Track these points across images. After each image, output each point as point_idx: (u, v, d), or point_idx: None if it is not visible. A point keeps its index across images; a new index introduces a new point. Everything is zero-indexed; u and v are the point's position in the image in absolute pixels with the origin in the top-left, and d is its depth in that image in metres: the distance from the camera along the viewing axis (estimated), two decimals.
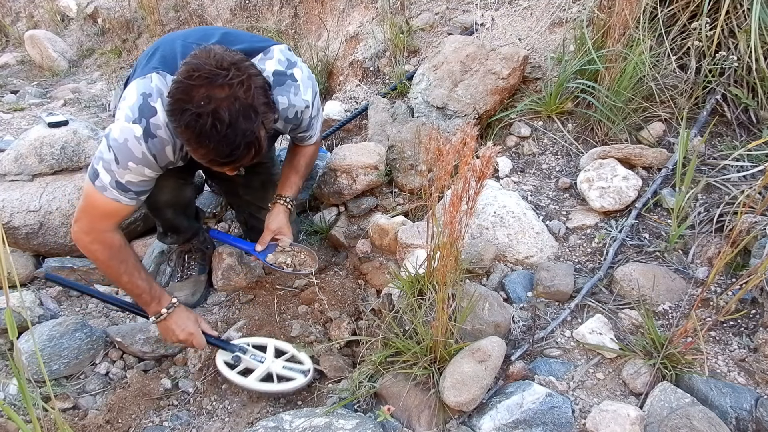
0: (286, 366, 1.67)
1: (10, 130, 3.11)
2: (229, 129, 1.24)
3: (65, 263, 2.03)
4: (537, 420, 1.32)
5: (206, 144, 1.26)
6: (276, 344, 1.74)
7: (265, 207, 2.00)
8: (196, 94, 1.23)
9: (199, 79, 1.23)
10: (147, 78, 1.46)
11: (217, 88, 1.23)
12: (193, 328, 1.64)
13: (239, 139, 1.27)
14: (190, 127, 1.24)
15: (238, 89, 1.24)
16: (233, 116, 1.24)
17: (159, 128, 1.43)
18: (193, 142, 1.28)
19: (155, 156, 1.46)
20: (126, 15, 4.72)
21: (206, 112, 1.22)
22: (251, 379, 1.62)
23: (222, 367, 1.66)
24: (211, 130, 1.23)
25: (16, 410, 1.49)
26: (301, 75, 1.59)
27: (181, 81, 1.25)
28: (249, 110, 1.26)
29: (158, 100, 1.43)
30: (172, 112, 1.26)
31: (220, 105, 1.22)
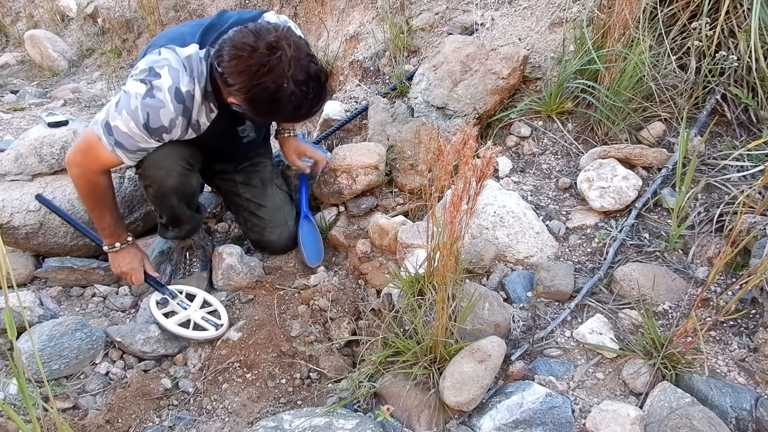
0: (205, 317, 1.82)
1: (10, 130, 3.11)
2: (315, 98, 1.53)
3: (65, 263, 2.03)
4: (537, 420, 1.32)
5: (298, 116, 1.59)
6: (205, 297, 1.90)
7: (264, 204, 2.00)
8: (276, 72, 1.43)
9: (271, 58, 1.43)
10: (155, 52, 1.56)
11: (291, 65, 1.44)
12: (136, 265, 1.86)
13: (322, 102, 1.59)
14: (292, 100, 1.49)
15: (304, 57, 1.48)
16: (314, 85, 1.50)
17: (159, 90, 1.51)
18: (281, 115, 1.62)
19: (187, 119, 1.60)
20: (126, 15, 4.72)
21: (295, 92, 1.47)
22: (170, 322, 1.78)
23: (152, 305, 1.83)
24: (305, 101, 1.51)
25: (16, 410, 1.49)
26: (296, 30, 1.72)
27: (240, 56, 1.43)
28: (320, 74, 1.53)
29: (164, 67, 1.51)
30: (250, 88, 1.46)
31: (299, 79, 1.46)
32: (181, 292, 1.89)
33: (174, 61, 1.54)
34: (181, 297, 1.87)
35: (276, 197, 2.08)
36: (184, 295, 1.89)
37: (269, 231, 2.05)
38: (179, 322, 1.80)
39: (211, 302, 1.90)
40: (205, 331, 1.79)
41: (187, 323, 1.81)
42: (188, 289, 1.92)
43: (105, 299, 2.01)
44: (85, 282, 2.05)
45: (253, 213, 2.05)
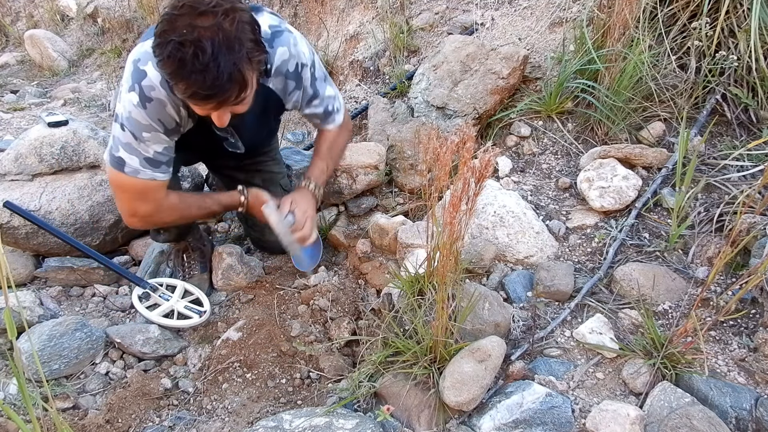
0: (188, 306, 1.87)
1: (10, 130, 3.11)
2: (212, 59, 1.19)
3: (65, 263, 2.03)
4: (537, 420, 1.32)
5: (188, 75, 1.21)
6: (186, 286, 1.93)
7: None
8: (180, 24, 1.19)
9: (183, 9, 1.20)
10: (138, 46, 1.46)
11: (200, 17, 1.19)
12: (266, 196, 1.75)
13: (222, 71, 1.21)
14: (171, 56, 1.19)
15: (222, 19, 1.20)
16: (216, 46, 1.19)
17: (152, 89, 1.41)
18: (175, 74, 1.22)
19: (160, 120, 1.46)
20: (126, 15, 4.72)
21: (188, 40, 1.18)
22: (154, 314, 1.81)
23: (135, 300, 1.86)
24: (192, 60, 1.18)
25: (16, 410, 1.49)
26: (295, 32, 1.58)
27: (167, 13, 1.22)
28: (233, 42, 1.21)
29: (148, 62, 1.40)
30: (158, 46, 1.22)
31: (202, 34, 1.18)
32: (161, 285, 1.92)
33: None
34: (162, 289, 1.90)
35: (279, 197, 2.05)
36: (164, 287, 1.92)
37: (269, 231, 2.05)
38: (163, 314, 1.83)
39: (192, 291, 1.93)
40: (190, 319, 1.84)
41: (171, 314, 1.85)
42: (168, 281, 1.95)
43: (105, 299, 2.01)
44: (85, 282, 2.05)
45: None
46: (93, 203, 2.09)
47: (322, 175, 1.79)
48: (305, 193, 1.74)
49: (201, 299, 1.91)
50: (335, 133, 1.83)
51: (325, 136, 1.82)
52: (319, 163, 1.79)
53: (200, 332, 1.86)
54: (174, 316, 1.85)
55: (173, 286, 1.94)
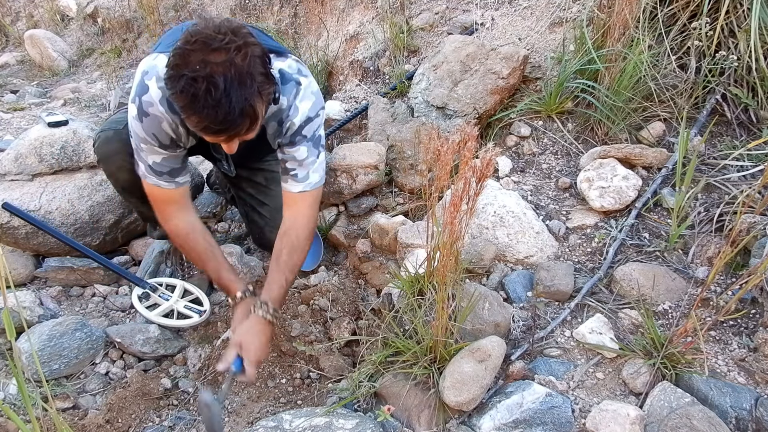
0: (188, 306, 1.87)
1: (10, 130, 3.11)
2: (224, 95, 1.20)
3: (65, 263, 2.03)
4: (537, 420, 1.32)
5: (200, 110, 1.22)
6: (186, 286, 1.93)
7: (266, 203, 1.98)
8: (193, 59, 1.20)
9: (196, 44, 1.20)
10: (152, 56, 1.49)
11: (213, 53, 1.20)
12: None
13: (234, 106, 1.23)
14: (184, 92, 1.21)
15: (234, 55, 1.21)
16: (228, 82, 1.20)
17: (151, 105, 1.44)
18: (187, 108, 1.24)
19: (155, 135, 1.48)
20: (126, 15, 4.72)
21: (201, 76, 1.19)
22: (154, 314, 1.81)
23: (135, 300, 1.86)
24: (205, 95, 1.19)
25: (15, 410, 1.49)
26: (306, 83, 1.54)
27: (179, 47, 1.22)
28: (245, 77, 1.23)
29: (153, 78, 1.43)
30: (170, 79, 1.23)
31: (215, 70, 1.19)
32: (161, 284, 1.92)
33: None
34: (161, 289, 1.90)
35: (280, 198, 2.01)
36: (164, 286, 1.92)
37: (269, 230, 2.04)
38: (163, 313, 1.83)
39: (191, 290, 1.93)
40: (190, 318, 1.84)
41: (171, 313, 1.85)
42: (167, 281, 1.95)
43: (105, 299, 2.01)
44: (85, 282, 2.05)
45: (254, 209, 2.03)
46: (93, 203, 2.09)
47: (281, 293, 1.56)
48: (258, 326, 1.48)
49: (201, 299, 1.91)
50: (297, 234, 1.61)
51: (286, 237, 1.61)
52: (277, 278, 1.56)
53: (200, 332, 1.86)
54: (174, 316, 1.85)
55: (173, 286, 1.93)
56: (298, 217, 1.62)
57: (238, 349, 1.45)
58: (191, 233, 1.62)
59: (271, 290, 1.55)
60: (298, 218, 1.62)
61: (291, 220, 1.63)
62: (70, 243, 1.92)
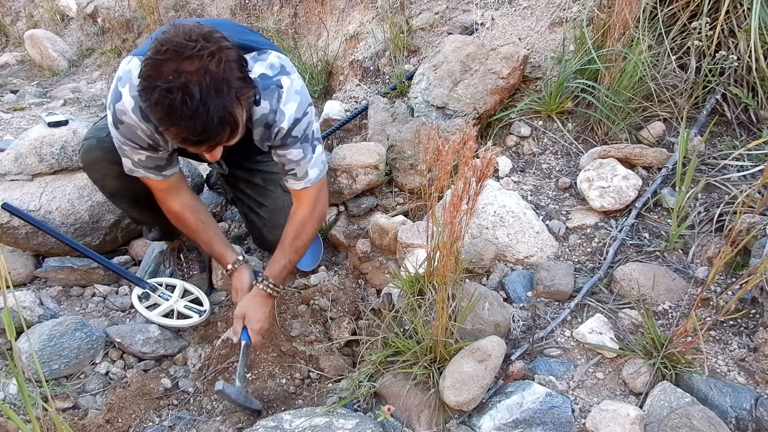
0: (187, 306, 1.87)
1: (10, 130, 3.11)
2: (201, 104, 1.16)
3: (65, 263, 2.03)
4: (537, 419, 1.32)
5: (177, 121, 1.18)
6: (185, 286, 1.93)
7: (265, 204, 1.98)
8: (165, 69, 1.15)
9: (168, 53, 1.15)
10: (127, 59, 1.46)
11: (186, 61, 1.15)
12: (246, 282, 1.69)
13: (212, 115, 1.18)
14: (159, 104, 1.17)
15: (208, 62, 1.16)
16: (204, 90, 1.16)
17: (124, 114, 1.42)
18: (164, 120, 1.20)
19: (132, 140, 1.47)
20: (126, 15, 4.72)
21: (176, 86, 1.14)
22: (154, 314, 1.81)
23: (135, 300, 1.86)
24: (181, 106, 1.15)
25: (15, 410, 1.49)
26: (288, 84, 1.48)
27: (150, 57, 1.17)
28: (221, 84, 1.18)
29: (126, 85, 1.40)
30: (143, 90, 1.19)
31: (189, 79, 1.15)
32: (160, 284, 1.92)
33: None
34: (161, 289, 1.90)
35: (279, 198, 1.96)
36: (164, 286, 1.92)
37: (268, 231, 2.04)
38: (163, 313, 1.83)
39: (191, 290, 1.93)
40: (190, 318, 1.84)
41: (171, 313, 1.85)
42: (167, 281, 1.95)
43: (105, 299, 2.01)
44: (85, 282, 2.05)
45: (252, 210, 2.03)
46: (93, 203, 2.08)
47: (283, 272, 1.67)
48: (259, 298, 1.62)
49: (201, 298, 1.91)
50: (304, 219, 1.67)
51: (293, 222, 1.68)
52: (281, 259, 1.66)
53: (200, 332, 1.86)
54: (174, 316, 1.85)
55: (173, 286, 1.93)
56: (303, 205, 1.68)
57: (242, 320, 1.57)
58: (183, 212, 1.67)
59: (273, 268, 1.65)
60: (302, 206, 1.68)
61: (297, 208, 1.70)
62: (69, 243, 1.91)
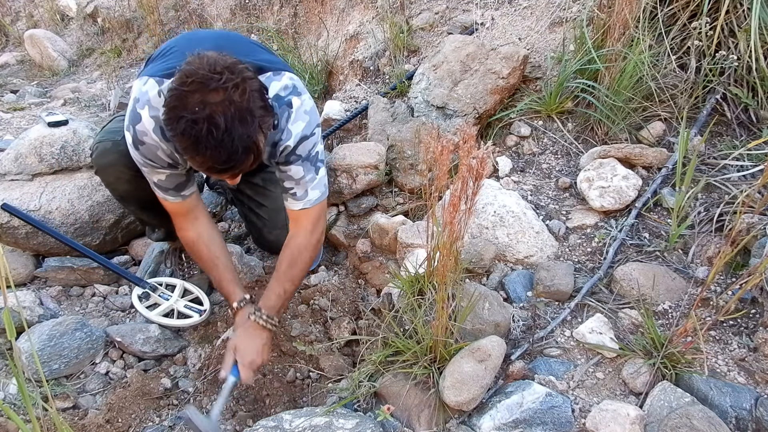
0: (188, 305, 1.87)
1: (10, 130, 3.11)
2: (226, 134, 1.20)
3: (65, 263, 2.03)
4: (537, 419, 1.32)
5: (203, 151, 1.23)
6: (186, 285, 1.94)
7: (265, 204, 1.99)
8: (191, 101, 1.19)
9: (193, 85, 1.20)
10: (142, 80, 1.49)
11: (211, 93, 1.19)
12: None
13: (237, 144, 1.23)
14: (186, 134, 1.21)
15: (232, 93, 1.21)
16: (229, 121, 1.20)
17: (145, 135, 1.46)
18: (190, 149, 1.24)
19: (152, 160, 1.51)
20: (126, 14, 4.72)
21: (201, 117, 1.19)
22: (154, 313, 1.82)
23: (135, 300, 1.86)
24: (207, 137, 1.20)
25: (16, 410, 1.49)
26: (297, 105, 1.52)
27: (175, 88, 1.22)
28: (245, 113, 1.23)
29: (145, 107, 1.44)
30: (168, 120, 1.24)
31: (215, 110, 1.19)
32: (161, 284, 1.92)
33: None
34: (161, 289, 1.90)
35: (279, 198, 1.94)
36: (164, 286, 1.92)
37: (267, 231, 2.05)
38: (163, 313, 1.83)
39: (191, 290, 1.93)
40: (190, 318, 1.84)
41: (171, 313, 1.85)
42: (167, 280, 1.96)
43: (105, 299, 2.01)
44: (85, 282, 2.05)
45: (252, 210, 2.04)
46: (93, 203, 2.09)
47: (278, 302, 1.61)
48: (251, 330, 1.55)
49: (201, 298, 1.91)
50: (300, 246, 1.64)
51: (289, 248, 1.64)
52: (275, 288, 1.61)
53: (200, 332, 1.86)
54: (174, 316, 1.85)
55: (173, 286, 1.93)
56: (300, 230, 1.65)
57: (233, 352, 1.51)
58: (196, 243, 1.67)
59: (268, 299, 1.60)
60: (300, 232, 1.65)
61: (294, 233, 1.67)
62: (69, 243, 1.92)
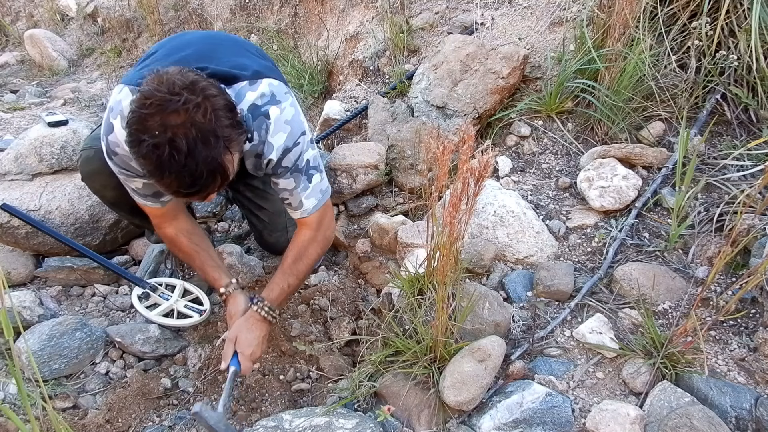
0: (188, 305, 1.86)
1: (10, 130, 3.11)
2: (188, 158, 1.15)
3: (65, 263, 2.03)
4: (537, 419, 1.32)
5: (167, 175, 1.18)
6: (185, 285, 1.93)
7: (264, 207, 1.99)
8: (151, 123, 1.15)
9: (152, 108, 1.15)
10: (118, 88, 1.47)
11: (171, 115, 1.14)
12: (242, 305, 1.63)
13: (201, 168, 1.18)
14: (148, 158, 1.17)
15: (194, 113, 1.15)
16: (191, 143, 1.15)
17: (117, 145, 1.43)
18: (154, 173, 1.20)
19: (126, 170, 1.49)
20: (126, 14, 4.72)
21: (162, 141, 1.14)
22: (154, 314, 1.81)
23: (135, 300, 1.85)
24: (169, 161, 1.15)
25: (15, 410, 1.49)
26: (276, 114, 1.44)
27: (135, 110, 1.17)
28: (208, 135, 1.17)
29: (117, 116, 1.41)
30: (131, 143, 1.19)
31: (176, 133, 1.14)
32: (160, 284, 1.91)
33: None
34: (161, 289, 1.89)
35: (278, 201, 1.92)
36: (164, 286, 1.91)
37: (267, 233, 2.05)
38: (163, 313, 1.83)
39: (191, 290, 1.92)
40: (190, 318, 1.83)
41: (171, 313, 1.85)
42: (167, 281, 1.95)
43: (105, 299, 2.01)
44: (85, 282, 2.05)
45: (252, 213, 2.04)
46: (93, 203, 2.08)
47: (281, 296, 1.61)
48: (252, 321, 1.54)
49: (201, 298, 1.91)
50: (306, 241, 1.64)
51: (295, 244, 1.65)
52: (279, 281, 1.61)
53: (200, 332, 1.86)
54: (174, 316, 1.85)
55: (173, 286, 1.93)
56: (306, 229, 1.66)
57: (233, 343, 1.50)
58: (177, 236, 1.67)
59: (270, 290, 1.60)
60: (305, 230, 1.66)
61: (298, 232, 1.68)
62: (69, 243, 1.91)
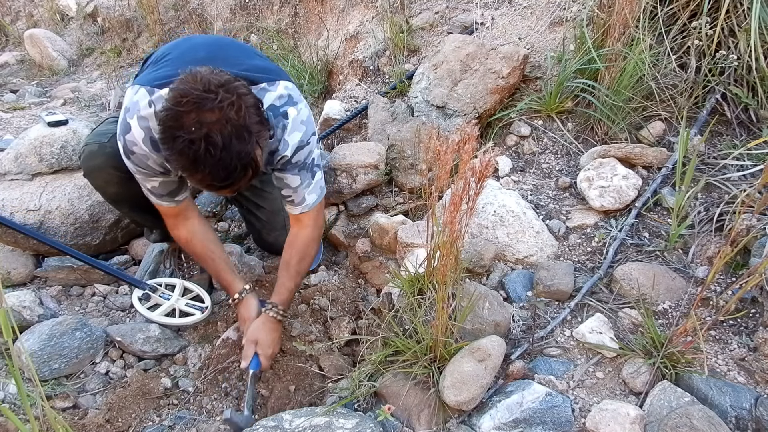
0: (189, 303, 1.87)
1: (10, 130, 3.11)
2: (224, 152, 1.21)
3: (65, 262, 2.03)
4: (537, 419, 1.32)
5: (202, 169, 1.24)
6: (185, 284, 1.94)
7: (263, 206, 1.99)
8: (187, 120, 1.20)
9: (188, 105, 1.20)
10: (134, 89, 1.50)
11: (207, 112, 1.20)
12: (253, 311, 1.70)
13: (235, 162, 1.24)
14: (183, 153, 1.21)
15: (228, 111, 1.21)
16: (226, 139, 1.21)
17: (134, 144, 1.47)
18: (188, 168, 1.25)
19: (143, 168, 1.53)
20: (126, 14, 4.72)
21: (198, 137, 1.19)
22: (156, 314, 1.81)
23: (136, 302, 1.85)
24: (205, 155, 1.20)
25: (15, 410, 1.49)
26: (294, 115, 1.53)
27: (170, 108, 1.22)
28: (242, 131, 1.23)
29: (134, 116, 1.45)
30: (164, 140, 1.24)
31: (211, 129, 1.20)
32: (160, 285, 1.92)
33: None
34: (161, 289, 1.89)
35: (277, 200, 1.96)
36: (163, 286, 1.92)
37: (266, 232, 2.05)
38: (165, 313, 1.83)
39: (191, 288, 1.93)
40: (192, 316, 1.84)
41: (173, 312, 1.85)
42: (167, 280, 1.95)
43: (105, 298, 2.01)
44: (85, 281, 2.05)
45: (251, 212, 2.04)
46: (93, 203, 2.08)
47: (290, 296, 1.72)
48: (269, 324, 1.64)
49: (201, 296, 1.91)
50: (307, 241, 1.71)
51: (296, 244, 1.71)
52: (287, 283, 1.70)
53: (200, 331, 1.86)
54: (176, 314, 1.85)
55: (172, 286, 1.93)
56: (303, 228, 1.72)
57: (254, 345, 1.59)
58: (191, 240, 1.71)
59: (281, 294, 1.68)
60: (303, 230, 1.72)
61: (296, 232, 1.72)
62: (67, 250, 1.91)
